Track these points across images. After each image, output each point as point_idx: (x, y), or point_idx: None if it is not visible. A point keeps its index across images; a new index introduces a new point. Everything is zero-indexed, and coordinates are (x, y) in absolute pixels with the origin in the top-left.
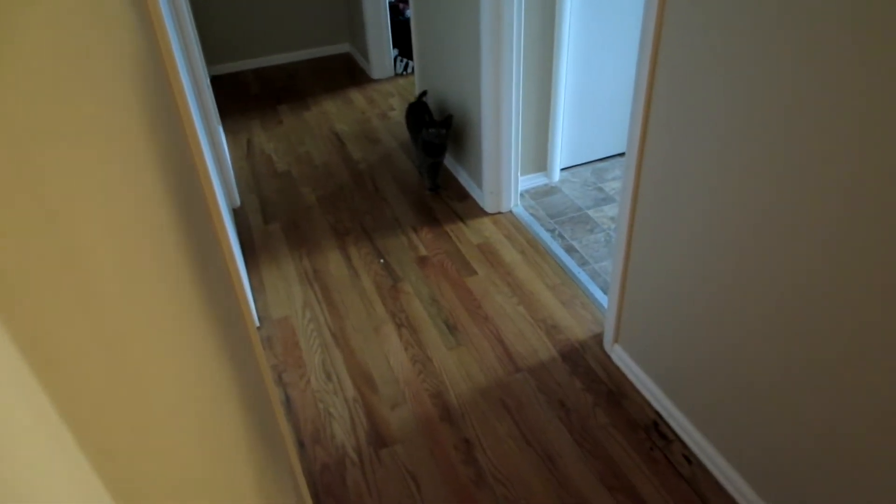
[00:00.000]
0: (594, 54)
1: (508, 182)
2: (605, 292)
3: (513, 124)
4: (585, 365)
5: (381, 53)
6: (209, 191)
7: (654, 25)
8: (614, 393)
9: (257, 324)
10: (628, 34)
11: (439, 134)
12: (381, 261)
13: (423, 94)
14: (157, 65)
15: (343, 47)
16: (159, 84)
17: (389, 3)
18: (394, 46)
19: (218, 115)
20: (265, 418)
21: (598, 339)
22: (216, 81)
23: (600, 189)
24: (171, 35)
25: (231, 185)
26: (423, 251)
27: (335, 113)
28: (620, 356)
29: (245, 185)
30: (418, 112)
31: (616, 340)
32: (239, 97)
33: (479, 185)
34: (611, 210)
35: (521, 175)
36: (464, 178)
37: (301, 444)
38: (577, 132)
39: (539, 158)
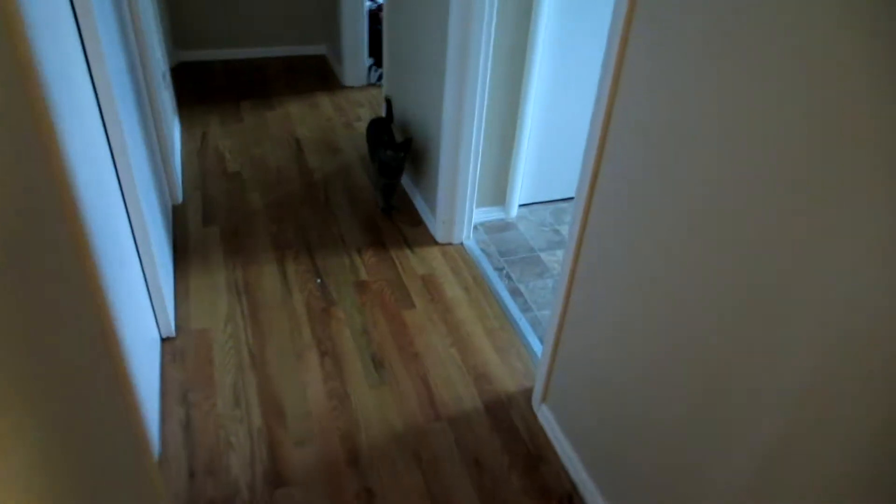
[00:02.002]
0: (564, 91)
1: (462, 212)
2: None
3: (472, 153)
4: (509, 422)
5: (355, 60)
6: (67, 196)
7: (612, 78)
8: (533, 456)
9: (173, 334)
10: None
11: (396, 157)
12: (318, 281)
13: (388, 103)
14: None
15: (319, 49)
16: None
17: (370, 10)
18: (370, 55)
19: (175, 103)
20: (113, 453)
21: (528, 394)
22: (184, 68)
23: (556, 231)
24: (107, 15)
25: (175, 179)
26: (363, 275)
27: (299, 116)
28: (546, 417)
29: (191, 182)
30: (379, 129)
31: (544, 400)
32: (203, 87)
33: (433, 212)
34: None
35: (478, 207)
36: (419, 203)
37: (191, 474)
38: (540, 169)
39: (498, 192)
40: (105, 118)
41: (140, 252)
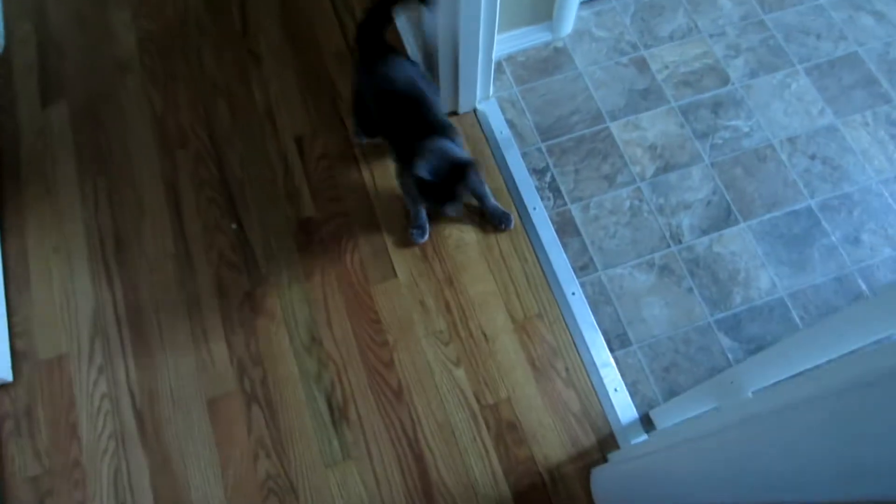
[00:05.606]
0: None
1: (473, 52)
2: (612, 348)
3: None
4: None
5: None
6: None
7: None
8: None
9: (9, 378)
10: None
11: (451, 194)
12: (234, 227)
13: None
14: None
15: None
16: None
17: None
18: None
19: None
20: None
21: (586, 464)
22: None
23: (643, 64)
24: None
25: None
26: (307, 207)
27: None
28: None
29: (20, 2)
30: (374, 49)
31: None
32: None
33: (420, 48)
34: (656, 126)
35: (504, 31)
36: (402, 26)
37: None
38: None
39: None
40: None
41: None
